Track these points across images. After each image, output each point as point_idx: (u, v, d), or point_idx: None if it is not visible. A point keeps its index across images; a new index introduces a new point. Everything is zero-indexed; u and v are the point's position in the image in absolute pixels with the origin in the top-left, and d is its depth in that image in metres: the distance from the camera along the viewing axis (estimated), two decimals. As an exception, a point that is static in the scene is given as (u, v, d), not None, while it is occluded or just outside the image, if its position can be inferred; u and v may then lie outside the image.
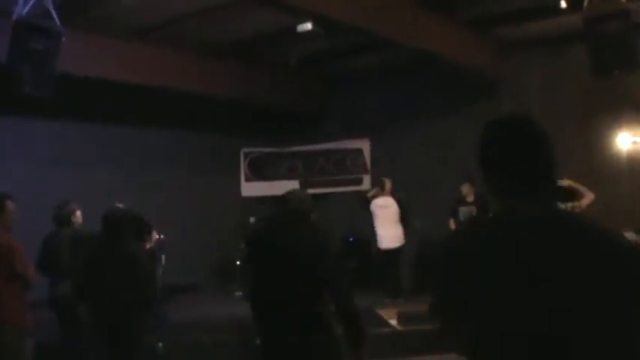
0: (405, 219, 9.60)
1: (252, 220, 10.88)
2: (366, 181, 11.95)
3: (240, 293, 9.43)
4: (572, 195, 7.39)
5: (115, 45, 9.00)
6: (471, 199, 9.08)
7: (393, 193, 9.73)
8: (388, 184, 9.77)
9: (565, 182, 7.36)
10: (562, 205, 7.12)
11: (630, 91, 9.14)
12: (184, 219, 10.46)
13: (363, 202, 10.09)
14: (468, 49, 9.59)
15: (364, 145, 12.20)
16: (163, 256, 8.87)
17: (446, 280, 1.75)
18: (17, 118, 9.43)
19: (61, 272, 6.05)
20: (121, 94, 9.50)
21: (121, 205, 7.81)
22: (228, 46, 9.96)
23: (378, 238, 9.76)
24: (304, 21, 8.50)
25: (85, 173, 9.93)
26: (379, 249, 9.75)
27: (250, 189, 12.52)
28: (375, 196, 9.84)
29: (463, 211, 8.97)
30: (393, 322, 7.89)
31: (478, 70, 9.96)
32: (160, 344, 7.06)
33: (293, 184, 12.39)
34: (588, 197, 7.48)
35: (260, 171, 12.71)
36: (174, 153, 11.22)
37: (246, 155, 12.64)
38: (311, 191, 12.50)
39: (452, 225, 9.03)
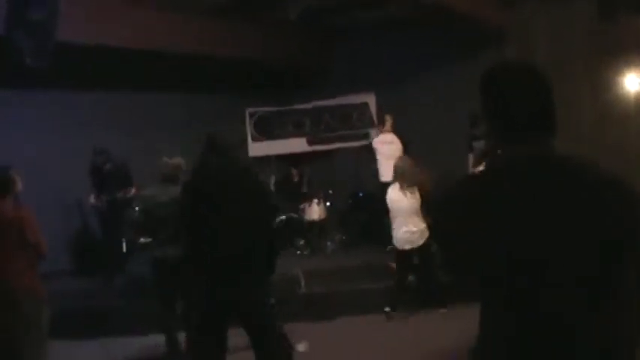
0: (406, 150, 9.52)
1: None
2: (373, 135, 11.84)
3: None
4: None
5: (113, 9, 8.79)
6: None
7: (396, 130, 9.69)
8: (389, 120, 9.76)
9: None
10: None
11: (638, 33, 9.00)
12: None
13: (370, 149, 10.10)
14: (474, -2, 9.44)
15: (370, 99, 12.15)
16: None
17: (456, 218, 1.79)
18: (17, 89, 9.37)
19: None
20: (121, 59, 9.37)
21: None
22: (226, 4, 9.66)
23: (380, 173, 9.76)
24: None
25: (87, 140, 9.74)
26: (380, 182, 9.70)
27: (257, 149, 12.51)
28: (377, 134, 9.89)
29: (477, 145, 8.90)
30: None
31: (484, 19, 9.77)
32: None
33: (300, 142, 12.43)
34: None
35: (266, 130, 12.67)
36: (178, 116, 11.09)
37: (251, 115, 12.57)
38: (319, 148, 12.65)
39: (471, 160, 8.95)
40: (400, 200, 7.19)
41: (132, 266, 8.79)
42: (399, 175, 7.28)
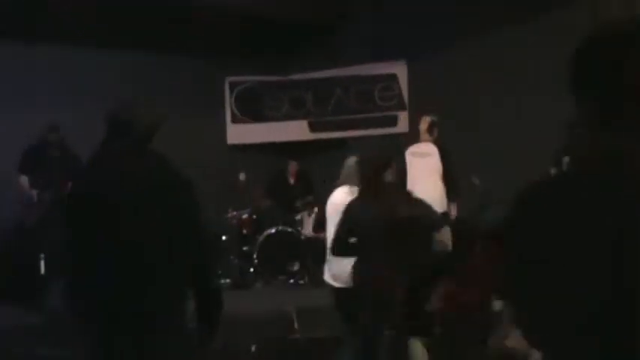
0: (448, 175, 9.16)
1: (242, 176, 10.73)
2: (402, 120, 11.77)
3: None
4: None
5: None
6: None
7: (437, 138, 9.28)
8: (426, 122, 9.36)
9: None
10: None
11: None
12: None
13: (399, 148, 9.65)
14: None
15: (399, 70, 12.02)
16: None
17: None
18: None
19: None
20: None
21: None
22: None
23: None
24: None
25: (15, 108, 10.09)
26: None
27: (240, 134, 12.51)
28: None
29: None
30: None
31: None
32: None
33: (299, 127, 12.27)
34: None
35: (253, 108, 12.63)
36: (134, 83, 10.92)
37: (233, 86, 12.55)
38: (325, 135, 12.55)
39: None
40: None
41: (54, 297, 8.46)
42: (351, 176, 6.84)
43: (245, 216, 10.67)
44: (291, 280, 10.43)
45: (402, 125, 11.73)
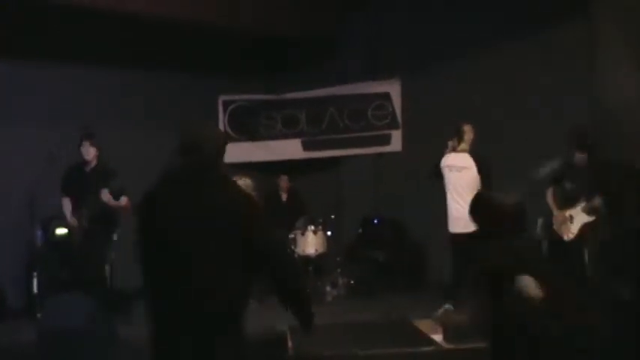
0: (489, 188, 8.49)
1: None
2: (396, 139, 11.76)
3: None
4: None
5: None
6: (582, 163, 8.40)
7: (474, 150, 8.94)
8: (469, 132, 8.97)
9: None
10: None
11: None
12: (139, 195, 10.20)
13: (433, 168, 9.32)
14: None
15: (393, 89, 12.00)
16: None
17: None
18: None
19: None
20: (55, 20, 9.63)
21: None
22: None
23: (448, 216, 8.99)
24: None
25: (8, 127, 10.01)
26: (448, 231, 8.98)
27: (233, 153, 12.12)
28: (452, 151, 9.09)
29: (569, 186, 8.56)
30: (438, 337, 7.69)
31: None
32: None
33: (293, 145, 12.25)
34: None
35: (246, 127, 12.60)
36: (126, 101, 11.04)
37: (226, 105, 12.51)
38: (319, 154, 12.56)
39: (550, 198, 8.71)
40: None
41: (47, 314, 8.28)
42: None
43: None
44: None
45: (396, 144, 11.78)
